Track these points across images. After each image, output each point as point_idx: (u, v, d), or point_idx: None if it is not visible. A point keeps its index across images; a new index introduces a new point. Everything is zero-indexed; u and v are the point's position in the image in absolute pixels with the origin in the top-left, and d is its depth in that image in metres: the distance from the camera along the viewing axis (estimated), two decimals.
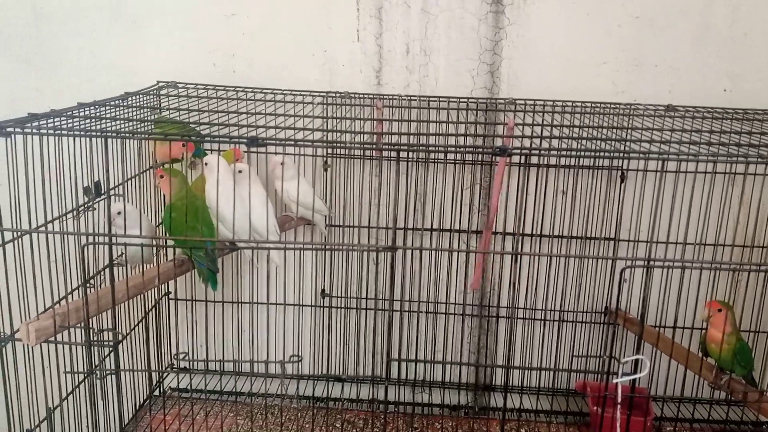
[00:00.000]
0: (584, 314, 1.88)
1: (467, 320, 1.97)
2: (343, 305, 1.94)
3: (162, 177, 1.50)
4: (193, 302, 1.88)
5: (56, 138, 1.26)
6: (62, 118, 1.32)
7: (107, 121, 1.32)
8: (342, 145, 1.27)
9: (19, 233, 1.29)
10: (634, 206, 1.81)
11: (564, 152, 1.27)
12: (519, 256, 1.34)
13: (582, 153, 1.27)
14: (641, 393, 1.63)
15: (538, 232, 1.85)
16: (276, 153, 1.72)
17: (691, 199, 1.49)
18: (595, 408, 1.70)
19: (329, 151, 1.84)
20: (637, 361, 1.26)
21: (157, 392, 1.90)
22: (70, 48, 1.91)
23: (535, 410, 1.94)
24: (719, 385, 1.46)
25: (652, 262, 1.25)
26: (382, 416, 1.85)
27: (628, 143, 1.32)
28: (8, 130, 1.22)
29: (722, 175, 1.71)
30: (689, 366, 1.52)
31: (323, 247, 1.80)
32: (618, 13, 1.79)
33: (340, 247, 1.82)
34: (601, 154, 1.27)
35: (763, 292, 1.63)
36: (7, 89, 1.94)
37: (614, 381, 1.26)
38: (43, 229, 1.32)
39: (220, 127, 1.32)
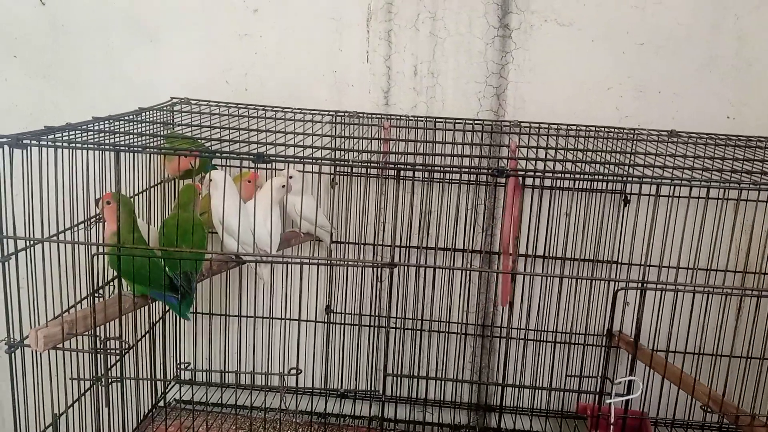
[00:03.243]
0: (586, 336, 1.89)
1: (469, 339, 1.98)
2: (346, 321, 1.96)
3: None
4: (200, 315, 1.92)
5: (70, 150, 1.31)
6: (77, 132, 1.36)
7: (120, 135, 1.36)
8: (346, 163, 1.30)
9: (31, 242, 1.33)
10: (637, 230, 1.82)
11: (562, 175, 1.29)
12: (516, 277, 1.35)
13: (580, 176, 1.29)
14: (642, 418, 1.64)
15: (542, 254, 1.87)
16: (286, 168, 1.74)
17: (693, 224, 1.50)
18: (592, 431, 1.71)
19: (336, 169, 1.87)
20: (630, 382, 1.28)
21: (161, 404, 1.93)
22: (87, 63, 1.96)
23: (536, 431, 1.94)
24: None
25: (646, 285, 1.27)
26: None
27: (627, 167, 1.34)
28: (25, 142, 1.26)
29: (724, 201, 1.73)
30: (684, 389, 1.53)
31: (327, 262, 1.82)
32: (623, 40, 1.82)
33: (341, 262, 1.84)
34: (599, 177, 1.29)
35: (756, 317, 1.63)
36: (26, 103, 2.00)
37: (607, 402, 1.27)
38: (54, 238, 1.36)
39: (229, 143, 1.35)
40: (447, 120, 1.84)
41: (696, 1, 1.79)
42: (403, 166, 1.28)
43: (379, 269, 1.90)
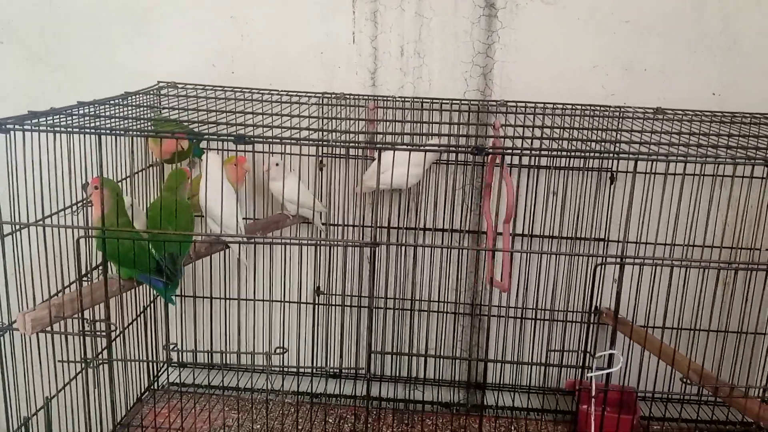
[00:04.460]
0: (574, 313, 1.90)
1: (457, 318, 2.00)
2: (335, 302, 1.98)
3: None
4: (189, 299, 1.93)
5: (54, 135, 1.31)
6: (60, 116, 1.36)
7: (103, 119, 1.36)
8: (327, 143, 1.30)
9: (18, 227, 1.34)
10: (624, 207, 1.83)
11: (549, 152, 1.30)
12: (496, 254, 1.37)
13: (561, 153, 1.30)
14: (622, 391, 1.66)
15: (529, 232, 1.88)
16: (270, 152, 1.75)
17: (679, 200, 1.51)
18: (583, 406, 1.72)
19: (322, 150, 1.87)
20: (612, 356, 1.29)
21: (154, 386, 1.95)
22: (78, 50, 1.96)
23: (526, 408, 1.96)
24: None
25: (624, 259, 1.28)
26: (374, 411, 1.89)
27: (611, 144, 1.35)
28: (8, 126, 1.27)
29: (710, 177, 1.73)
30: (665, 361, 1.54)
31: (308, 242, 1.83)
32: (608, 18, 1.82)
33: (324, 242, 1.84)
34: (580, 154, 1.30)
35: (732, 291, 1.64)
36: (17, 89, 2.00)
37: (588, 375, 1.29)
38: (40, 223, 1.37)
39: (215, 125, 1.36)
40: (434, 100, 1.85)
41: None
42: (382, 146, 1.29)
43: (370, 249, 1.90)
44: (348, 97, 1.85)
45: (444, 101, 1.84)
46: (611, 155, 1.28)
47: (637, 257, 1.33)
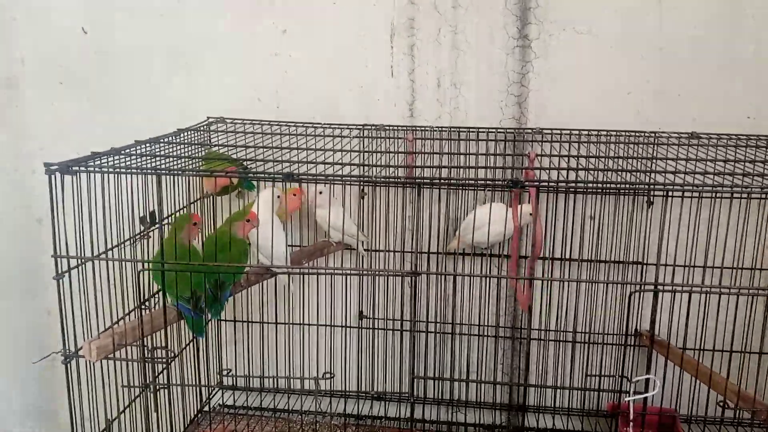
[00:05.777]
0: (613, 336, 1.92)
1: (497, 341, 2.04)
2: (379, 326, 2.04)
3: (248, 221, 1.62)
4: (240, 323, 2.01)
5: (115, 174, 1.41)
6: (120, 156, 1.46)
7: (160, 158, 1.45)
8: (370, 179, 1.37)
9: (82, 260, 1.44)
10: (657, 231, 1.86)
11: (577, 185, 1.35)
12: (533, 280, 1.41)
13: (593, 186, 1.34)
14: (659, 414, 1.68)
15: (568, 256, 1.91)
16: (315, 181, 1.82)
17: (717, 224, 1.53)
18: (624, 429, 1.75)
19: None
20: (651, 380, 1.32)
21: (206, 408, 2.03)
22: (129, 88, 2.08)
23: (566, 430, 1.99)
24: None
25: (659, 287, 1.32)
26: None
27: (647, 174, 1.38)
28: (73, 168, 1.37)
29: (748, 200, 1.75)
30: (712, 386, 1.56)
31: (350, 272, 1.89)
32: (641, 45, 1.86)
33: (366, 272, 1.91)
34: (614, 186, 1.34)
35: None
36: (73, 127, 2.12)
37: (626, 399, 1.32)
38: (103, 256, 1.46)
39: (263, 163, 1.44)
40: (470, 129, 1.90)
41: (712, 4, 1.82)
42: (421, 181, 1.35)
43: (411, 278, 1.96)
44: (387, 128, 1.92)
45: (480, 130, 1.89)
46: (645, 187, 1.32)
47: (673, 284, 1.36)
